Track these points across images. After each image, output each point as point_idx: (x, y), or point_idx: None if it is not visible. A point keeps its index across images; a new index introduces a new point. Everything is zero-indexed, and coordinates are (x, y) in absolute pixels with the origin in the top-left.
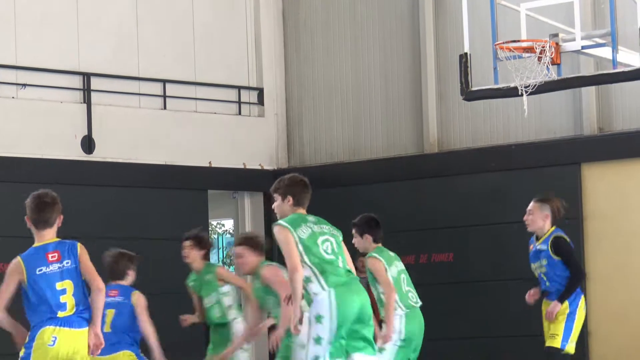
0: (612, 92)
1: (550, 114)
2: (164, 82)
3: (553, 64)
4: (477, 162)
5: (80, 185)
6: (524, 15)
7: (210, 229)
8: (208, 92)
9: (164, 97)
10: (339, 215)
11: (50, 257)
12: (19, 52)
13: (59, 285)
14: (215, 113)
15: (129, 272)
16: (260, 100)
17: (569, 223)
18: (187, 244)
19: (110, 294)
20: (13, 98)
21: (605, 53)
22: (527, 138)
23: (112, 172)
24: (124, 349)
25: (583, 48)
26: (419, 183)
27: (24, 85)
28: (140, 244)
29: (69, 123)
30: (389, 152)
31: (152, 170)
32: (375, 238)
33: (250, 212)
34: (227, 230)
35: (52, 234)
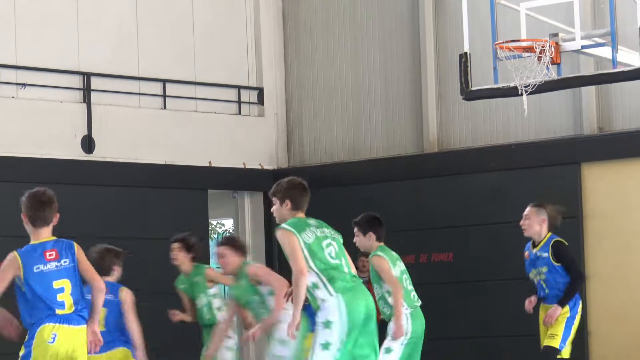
0: (612, 91)
1: (550, 114)
2: (164, 81)
3: (553, 64)
4: (477, 161)
5: (80, 185)
6: (524, 15)
7: (210, 229)
8: (208, 91)
9: (164, 96)
10: (339, 215)
11: (48, 255)
12: (19, 52)
13: (57, 284)
14: (215, 113)
15: (115, 267)
16: (260, 100)
17: (568, 222)
18: (175, 246)
19: None
20: (13, 98)
21: (605, 53)
22: (527, 138)
23: (112, 171)
24: (120, 346)
25: (583, 48)
26: (419, 183)
27: (24, 85)
28: (140, 244)
29: (69, 123)
30: (389, 151)
31: (152, 170)
32: (379, 236)
33: (250, 211)
34: (227, 230)
35: (48, 232)
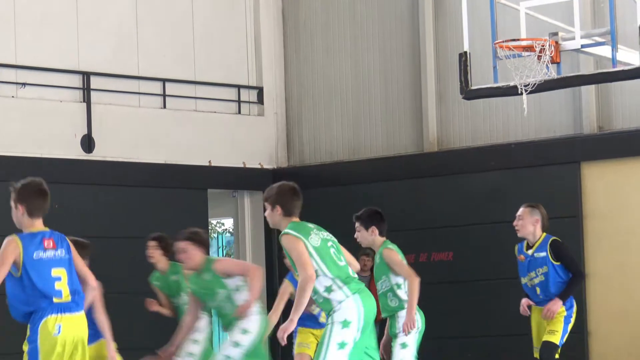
0: (611, 90)
1: (550, 113)
2: (164, 81)
3: (553, 63)
4: (476, 161)
5: (80, 185)
6: (524, 14)
7: (210, 228)
8: (208, 91)
9: (164, 96)
10: (339, 214)
11: (46, 243)
12: (19, 51)
13: (54, 272)
14: (215, 112)
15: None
16: (260, 100)
17: (568, 222)
18: (151, 244)
19: None
20: (13, 97)
21: (605, 52)
22: (526, 137)
23: (112, 171)
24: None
25: (583, 47)
26: (419, 182)
27: (24, 85)
28: (141, 244)
29: (69, 122)
30: (389, 151)
31: (152, 170)
32: (381, 231)
33: (250, 211)
34: (227, 229)
35: (41, 223)
